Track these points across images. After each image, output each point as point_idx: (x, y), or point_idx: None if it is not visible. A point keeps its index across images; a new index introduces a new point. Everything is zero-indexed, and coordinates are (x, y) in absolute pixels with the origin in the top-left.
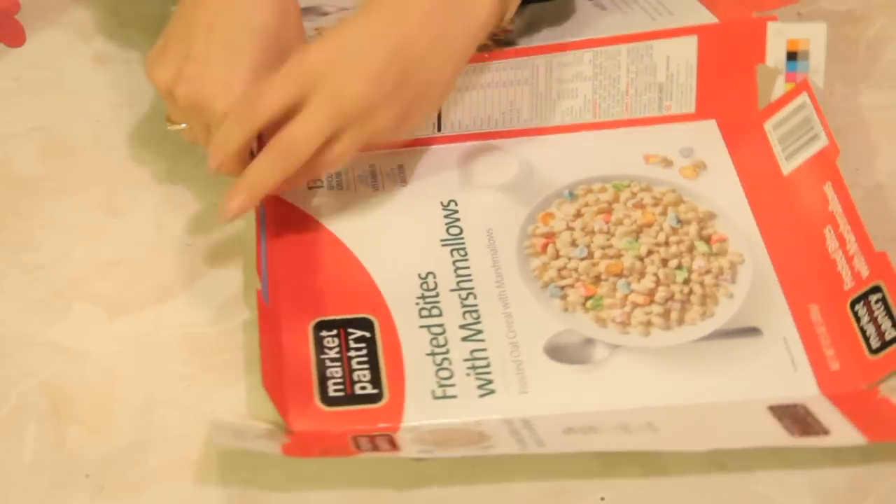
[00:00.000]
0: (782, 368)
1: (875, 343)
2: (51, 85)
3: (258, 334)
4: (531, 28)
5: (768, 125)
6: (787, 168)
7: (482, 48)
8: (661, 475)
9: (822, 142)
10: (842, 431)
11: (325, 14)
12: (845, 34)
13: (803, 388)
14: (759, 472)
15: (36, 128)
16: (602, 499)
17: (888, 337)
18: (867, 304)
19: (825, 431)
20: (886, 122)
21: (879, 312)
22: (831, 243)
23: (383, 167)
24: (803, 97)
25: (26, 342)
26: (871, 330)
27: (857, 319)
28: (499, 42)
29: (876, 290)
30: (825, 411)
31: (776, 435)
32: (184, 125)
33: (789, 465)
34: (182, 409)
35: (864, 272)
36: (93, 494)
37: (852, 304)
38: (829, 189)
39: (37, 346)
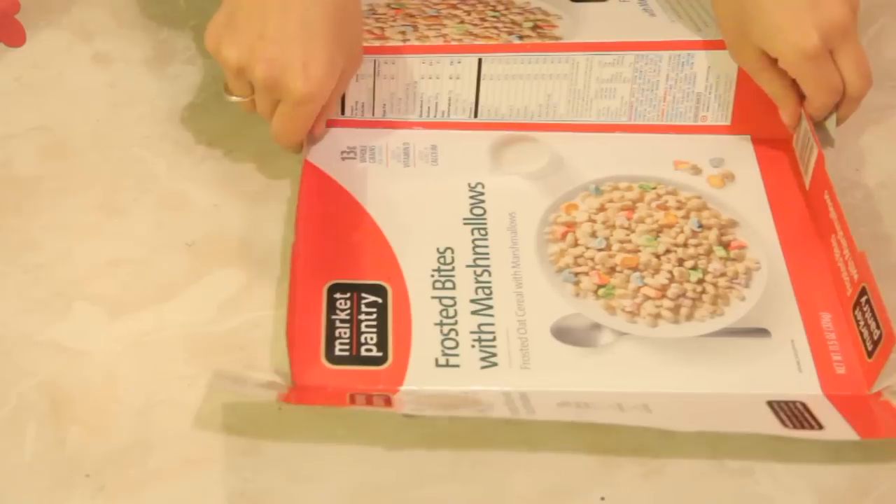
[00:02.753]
0: (786, 368)
1: (869, 346)
2: (51, 85)
3: (288, 286)
4: (577, 25)
5: (794, 141)
6: (808, 182)
7: (525, 38)
8: (661, 475)
9: (816, 151)
10: (836, 428)
11: None
12: None
13: (806, 388)
14: (759, 471)
15: (36, 128)
16: (602, 499)
17: (875, 337)
18: (860, 307)
19: (819, 426)
20: (886, 122)
21: (868, 314)
22: (836, 251)
23: (417, 145)
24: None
25: (26, 342)
26: (866, 333)
27: (858, 324)
28: (543, 35)
29: (864, 292)
30: (823, 409)
31: (769, 425)
32: (237, 98)
33: (789, 465)
34: (182, 409)
35: (855, 276)
36: (93, 494)
37: (854, 310)
38: (827, 198)
39: (37, 346)
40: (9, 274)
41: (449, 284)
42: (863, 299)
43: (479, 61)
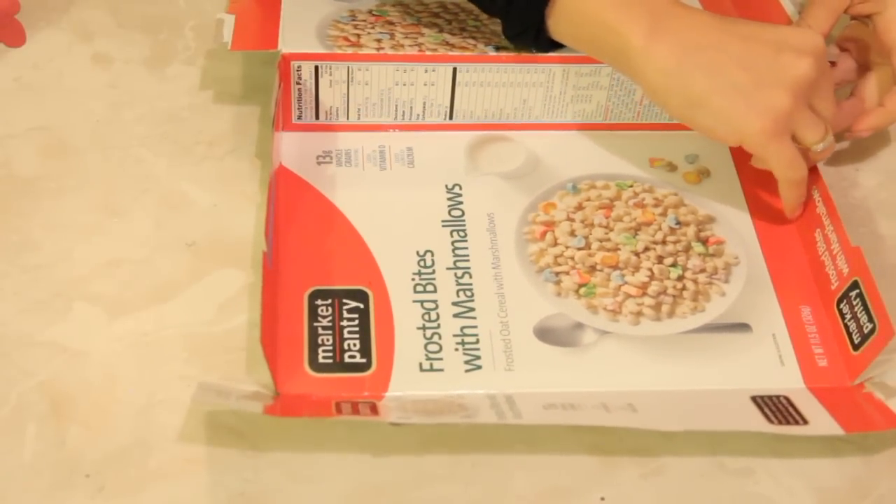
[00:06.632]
0: (769, 362)
1: (857, 339)
2: (51, 85)
3: (261, 295)
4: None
5: None
6: None
7: (501, 50)
8: (660, 475)
9: None
10: (821, 422)
11: None
12: None
13: (788, 381)
14: (759, 471)
15: (36, 128)
16: (602, 499)
17: (866, 330)
18: (849, 300)
19: (804, 422)
20: None
21: (858, 307)
22: (820, 246)
23: (393, 148)
24: None
25: (26, 342)
26: (853, 326)
27: (843, 317)
28: (521, 49)
29: (855, 285)
30: (807, 403)
31: (755, 421)
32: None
33: (789, 466)
34: (182, 409)
35: (845, 270)
36: (93, 494)
37: (838, 303)
38: (815, 193)
39: (37, 346)
40: (9, 274)
41: (430, 288)
42: (853, 293)
43: (454, 70)
